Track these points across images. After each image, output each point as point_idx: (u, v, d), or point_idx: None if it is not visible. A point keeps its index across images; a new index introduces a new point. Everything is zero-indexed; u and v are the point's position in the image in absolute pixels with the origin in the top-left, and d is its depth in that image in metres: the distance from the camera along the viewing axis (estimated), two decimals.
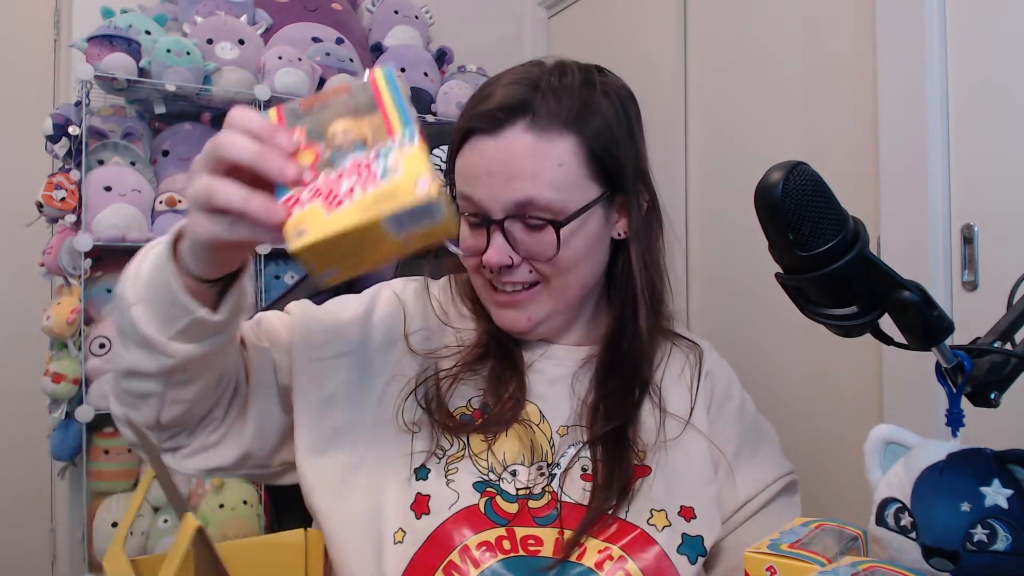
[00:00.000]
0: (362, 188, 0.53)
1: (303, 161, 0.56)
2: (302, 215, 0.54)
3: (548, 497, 0.76)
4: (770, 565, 0.54)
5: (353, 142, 0.56)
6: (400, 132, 0.55)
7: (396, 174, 0.53)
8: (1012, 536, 0.49)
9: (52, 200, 1.67)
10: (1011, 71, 1.16)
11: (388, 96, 0.57)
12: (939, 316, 0.54)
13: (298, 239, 0.53)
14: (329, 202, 0.53)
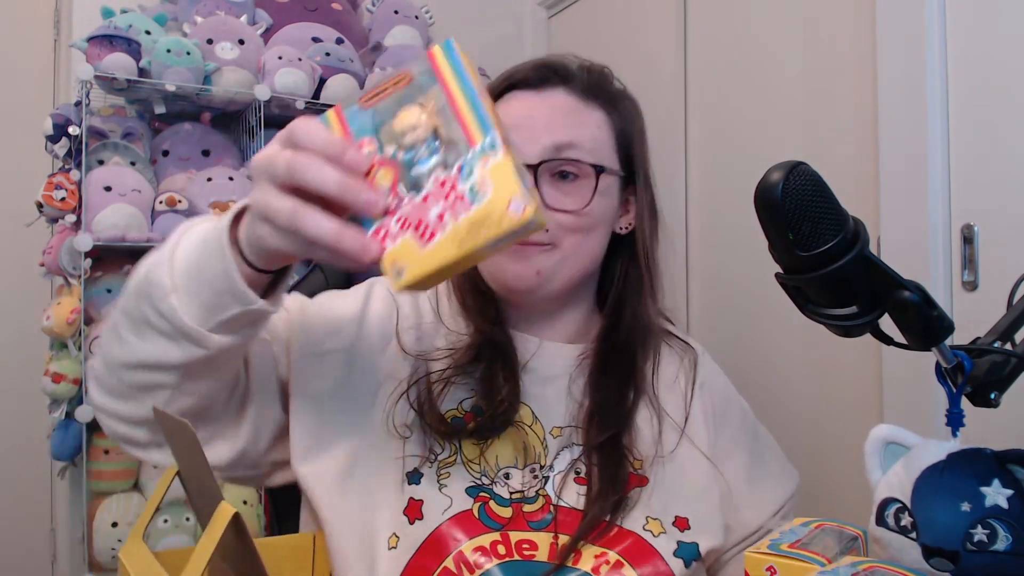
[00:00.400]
0: (453, 216, 0.50)
1: (382, 184, 0.52)
2: (396, 251, 0.51)
3: (542, 501, 0.76)
4: (770, 565, 0.54)
5: (426, 139, 0.52)
6: (480, 139, 0.51)
7: (486, 197, 0.50)
8: (1012, 536, 0.49)
9: (52, 200, 1.67)
10: (1011, 71, 1.16)
11: (455, 85, 0.52)
12: (939, 316, 0.54)
13: (398, 279, 0.51)
14: (421, 234, 0.50)
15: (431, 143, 0.52)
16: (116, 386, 0.67)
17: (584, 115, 0.82)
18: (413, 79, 0.53)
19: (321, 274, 1.08)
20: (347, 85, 1.90)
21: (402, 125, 0.52)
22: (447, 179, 0.51)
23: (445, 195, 0.50)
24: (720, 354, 0.97)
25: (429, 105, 0.52)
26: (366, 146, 0.52)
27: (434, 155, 0.51)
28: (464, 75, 0.52)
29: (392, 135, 0.52)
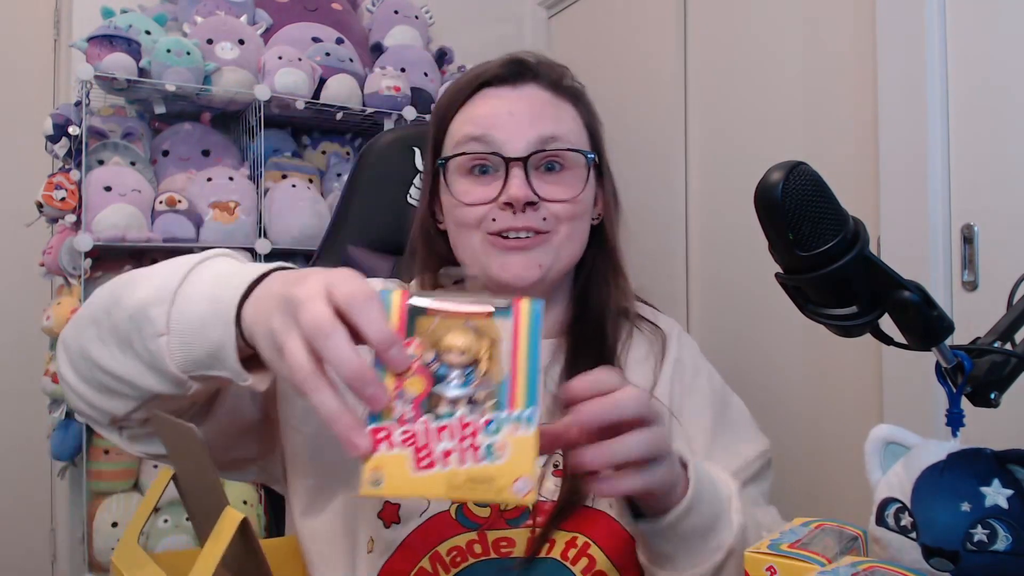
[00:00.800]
0: (460, 460, 0.49)
1: (409, 391, 0.50)
2: (386, 459, 0.49)
3: None
4: (770, 565, 0.54)
5: (465, 367, 0.51)
6: (522, 407, 0.50)
7: (499, 460, 0.49)
8: (1012, 536, 0.49)
9: (52, 200, 1.67)
10: (1011, 71, 1.16)
11: (525, 344, 0.51)
12: (939, 316, 0.54)
13: (372, 487, 0.49)
14: (420, 459, 0.49)
15: (468, 372, 0.51)
16: (85, 374, 0.66)
17: (560, 108, 0.83)
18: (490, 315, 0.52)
19: None
20: (347, 85, 1.90)
21: (452, 342, 0.51)
22: (471, 424, 0.50)
23: (462, 437, 0.50)
24: (720, 354, 0.98)
25: (486, 338, 0.51)
26: (411, 346, 0.51)
27: (465, 385, 0.51)
28: (538, 343, 0.51)
29: (437, 344, 0.51)
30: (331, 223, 1.15)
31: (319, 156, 2.08)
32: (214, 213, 1.77)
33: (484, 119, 0.81)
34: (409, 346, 0.51)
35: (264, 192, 1.86)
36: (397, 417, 0.50)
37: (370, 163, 1.16)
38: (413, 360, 0.51)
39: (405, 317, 0.51)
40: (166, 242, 1.72)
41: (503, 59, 0.84)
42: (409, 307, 0.52)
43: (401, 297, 0.52)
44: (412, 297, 0.52)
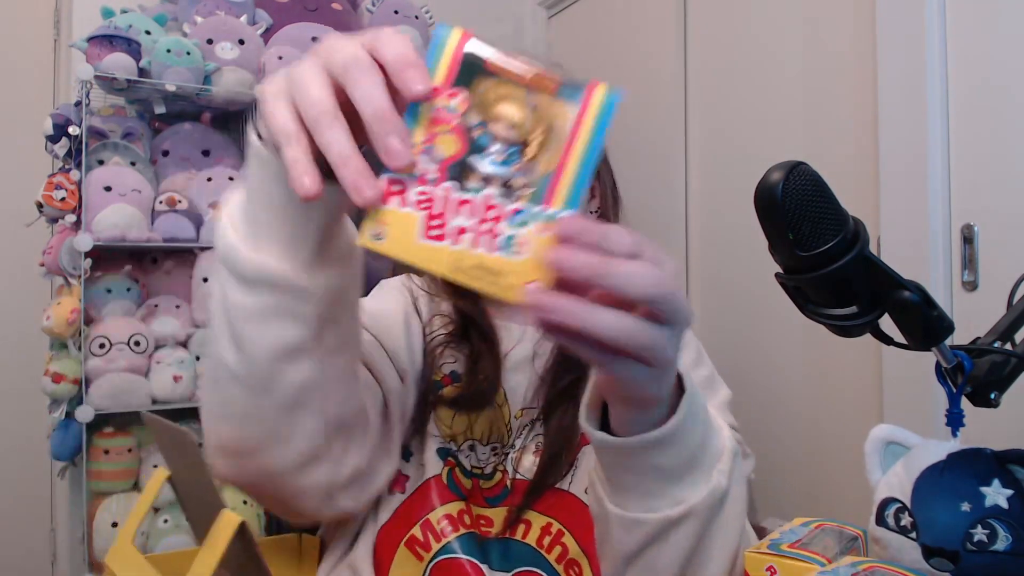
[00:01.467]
0: (472, 243, 0.43)
1: (439, 149, 0.43)
2: (393, 215, 0.43)
3: (499, 476, 0.77)
4: (770, 565, 0.54)
5: (511, 143, 0.44)
6: (559, 207, 0.43)
7: (516, 257, 0.43)
8: (1012, 536, 0.49)
9: (52, 200, 1.67)
10: (1011, 71, 1.16)
11: (585, 137, 0.43)
12: (939, 316, 0.54)
13: (372, 239, 0.43)
14: (430, 227, 0.43)
15: (511, 151, 0.44)
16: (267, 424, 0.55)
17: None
18: (558, 88, 0.44)
19: None
20: None
21: (504, 111, 0.44)
22: (497, 208, 0.43)
23: (482, 219, 0.43)
24: (720, 354, 0.97)
25: (544, 120, 0.44)
26: (456, 99, 0.43)
27: (505, 165, 0.43)
28: (600, 138, 0.43)
29: (486, 108, 0.44)
30: None
31: None
32: (214, 213, 1.77)
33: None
34: (453, 97, 0.43)
35: None
36: (418, 175, 0.43)
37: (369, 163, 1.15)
38: (453, 115, 0.43)
39: (457, 64, 0.44)
40: (166, 242, 1.72)
41: None
42: (465, 54, 0.44)
43: (460, 38, 0.44)
44: (471, 41, 0.44)
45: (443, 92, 0.43)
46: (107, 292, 1.74)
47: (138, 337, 1.69)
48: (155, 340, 1.72)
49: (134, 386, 1.67)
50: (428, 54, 0.43)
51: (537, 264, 0.42)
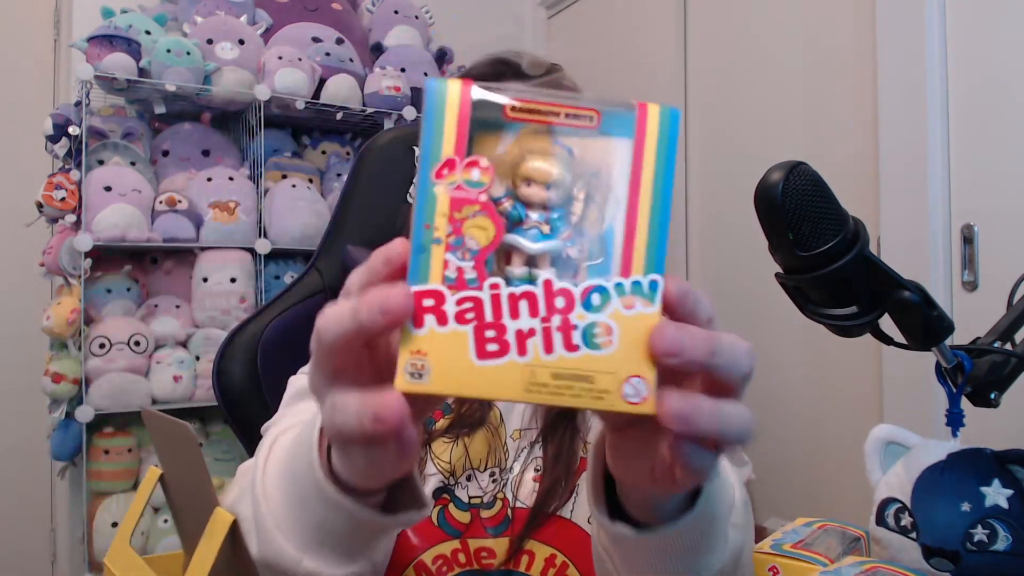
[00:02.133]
0: (544, 346, 0.33)
1: (471, 240, 0.33)
2: (432, 340, 0.33)
3: (499, 505, 0.74)
4: (773, 565, 0.54)
5: (549, 206, 0.34)
6: (640, 273, 0.33)
7: (604, 352, 0.33)
8: (1012, 536, 0.49)
9: (52, 200, 1.67)
10: (1011, 71, 1.16)
11: (653, 173, 0.34)
12: (939, 316, 0.54)
13: (412, 380, 0.33)
14: (484, 342, 0.33)
15: (556, 216, 0.33)
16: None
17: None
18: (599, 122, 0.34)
19: (317, 274, 1.08)
20: (347, 85, 1.90)
21: (536, 169, 0.33)
22: (563, 293, 0.33)
23: (548, 313, 0.33)
24: None
25: (588, 165, 0.34)
26: (476, 168, 0.33)
27: (551, 237, 0.33)
28: (670, 173, 0.34)
29: (513, 170, 0.34)
30: (330, 223, 1.14)
31: (319, 156, 2.08)
32: (214, 213, 1.77)
33: None
34: (473, 167, 0.33)
35: (264, 192, 1.86)
36: (453, 278, 0.33)
37: (369, 162, 1.15)
38: (478, 189, 0.33)
39: (467, 123, 0.33)
40: (166, 242, 1.72)
41: (486, 59, 0.83)
42: (475, 105, 0.33)
43: (461, 90, 0.33)
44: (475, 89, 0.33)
45: (458, 164, 0.33)
46: (107, 292, 1.74)
47: (138, 337, 1.69)
48: (155, 340, 1.72)
49: (134, 386, 1.68)
50: (426, 117, 0.33)
51: (634, 353, 0.33)
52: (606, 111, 0.34)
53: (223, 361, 0.99)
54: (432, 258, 0.33)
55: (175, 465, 0.61)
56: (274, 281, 1.86)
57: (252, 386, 0.99)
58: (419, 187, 0.33)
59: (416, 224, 0.33)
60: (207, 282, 1.77)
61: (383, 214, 1.13)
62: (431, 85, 0.33)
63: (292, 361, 1.02)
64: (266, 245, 1.81)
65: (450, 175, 0.33)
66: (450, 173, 0.33)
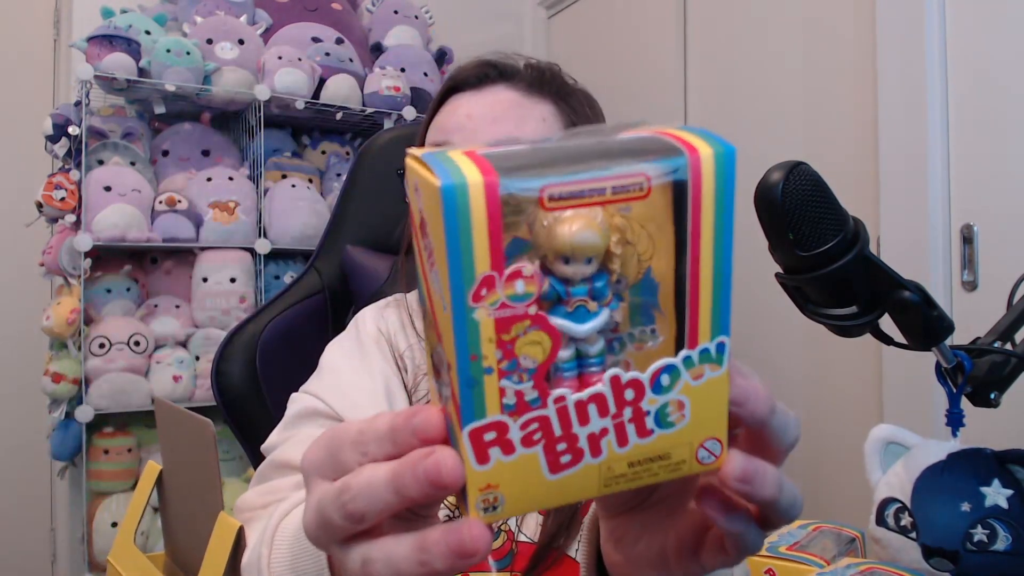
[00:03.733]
0: (618, 441, 0.30)
1: (527, 359, 0.28)
2: (501, 472, 0.29)
3: (504, 537, 0.72)
4: (769, 567, 0.54)
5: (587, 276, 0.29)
6: (708, 339, 0.30)
7: (678, 426, 0.30)
8: (1012, 536, 0.49)
9: (52, 200, 1.67)
10: (1011, 71, 1.16)
11: (712, 230, 0.29)
12: (939, 316, 0.54)
13: (485, 513, 0.29)
14: (556, 457, 0.29)
15: (598, 287, 0.29)
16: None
17: (528, 108, 0.76)
18: (651, 192, 0.28)
19: (316, 275, 1.08)
20: (347, 85, 1.90)
21: (573, 246, 0.28)
22: (634, 384, 0.29)
23: (619, 404, 0.30)
24: None
25: (641, 231, 0.29)
26: (520, 280, 0.28)
27: (596, 315, 0.29)
28: (729, 219, 0.29)
29: (552, 243, 0.28)
30: (330, 223, 1.14)
31: (319, 156, 2.08)
32: (214, 213, 1.77)
33: (446, 124, 0.77)
34: (516, 280, 0.28)
35: (264, 192, 1.86)
36: (512, 404, 0.29)
37: (369, 162, 1.15)
38: (525, 303, 0.28)
39: (499, 228, 0.27)
40: (166, 242, 1.72)
41: (476, 60, 0.80)
42: (505, 203, 0.27)
43: (484, 188, 0.27)
44: (499, 165, 0.27)
45: (498, 280, 0.28)
46: (107, 292, 1.74)
47: (138, 337, 1.69)
48: (155, 340, 1.72)
49: (134, 386, 1.68)
50: (448, 232, 0.27)
51: (706, 418, 0.31)
52: (655, 170, 0.28)
53: (222, 361, 0.99)
54: (486, 390, 0.28)
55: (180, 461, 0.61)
56: (274, 281, 1.86)
57: (251, 386, 0.99)
58: (454, 314, 0.28)
59: (459, 356, 0.28)
60: (207, 282, 1.77)
61: (382, 214, 1.13)
62: (448, 192, 0.26)
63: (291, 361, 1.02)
64: (266, 245, 1.81)
65: (490, 295, 0.28)
66: (490, 293, 0.28)
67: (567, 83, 0.83)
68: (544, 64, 0.82)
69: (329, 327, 1.04)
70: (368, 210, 1.14)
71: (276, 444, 0.75)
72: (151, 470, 0.64)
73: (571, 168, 0.28)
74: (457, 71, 0.80)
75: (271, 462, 0.72)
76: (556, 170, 0.27)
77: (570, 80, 0.84)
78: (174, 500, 0.63)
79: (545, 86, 0.79)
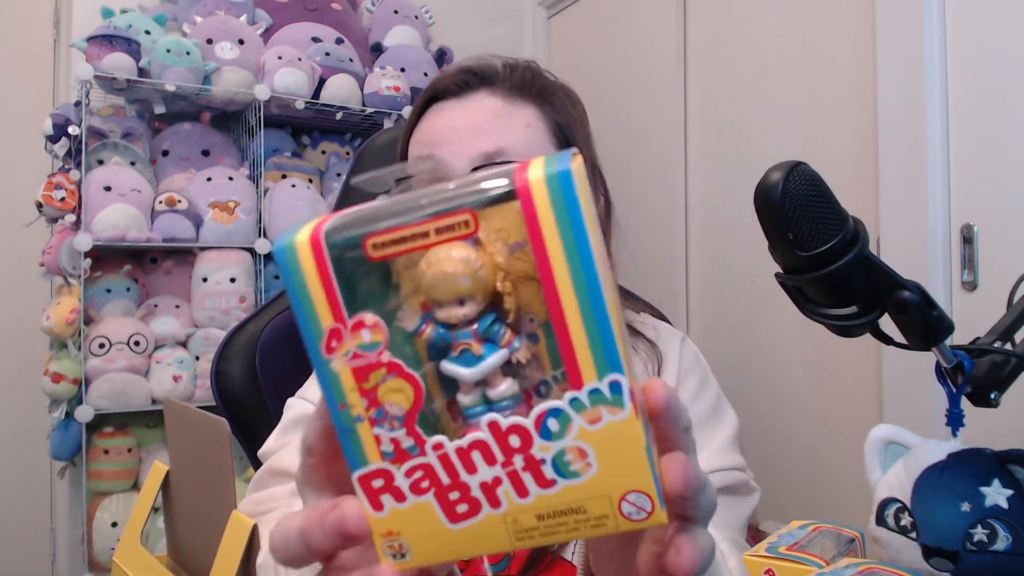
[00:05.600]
0: (516, 490, 0.29)
1: (393, 407, 0.29)
2: (399, 518, 0.30)
3: None
4: (768, 568, 0.54)
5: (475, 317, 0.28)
6: (593, 377, 0.28)
7: (584, 477, 0.29)
8: (1012, 536, 0.49)
9: (52, 200, 1.67)
10: (1011, 71, 1.16)
11: (562, 255, 0.27)
12: (939, 316, 0.54)
13: (394, 559, 0.30)
14: (451, 507, 0.29)
15: (487, 324, 0.29)
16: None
17: (512, 116, 0.75)
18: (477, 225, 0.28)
19: None
20: (347, 85, 1.90)
21: (439, 287, 0.28)
22: (517, 429, 0.29)
23: (505, 451, 0.29)
24: (720, 354, 0.97)
25: (494, 252, 0.28)
26: (364, 329, 0.29)
27: (482, 358, 0.28)
28: (582, 240, 0.27)
29: (413, 299, 0.29)
30: None
31: (319, 156, 2.08)
32: (214, 213, 1.77)
33: (429, 137, 0.76)
34: (360, 330, 0.29)
35: (264, 192, 1.86)
36: (391, 451, 0.29)
37: (368, 162, 1.15)
38: (374, 352, 0.29)
39: (331, 280, 0.29)
40: (166, 242, 1.72)
41: (456, 67, 0.79)
42: (332, 257, 0.29)
43: (309, 237, 0.29)
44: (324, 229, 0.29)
45: (344, 331, 0.29)
46: (107, 292, 1.74)
47: (138, 337, 1.69)
48: (155, 340, 1.72)
49: (134, 386, 1.68)
50: (288, 285, 0.29)
51: (619, 469, 0.28)
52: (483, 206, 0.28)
53: (222, 361, 0.99)
54: (362, 437, 0.29)
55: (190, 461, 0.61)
56: (274, 281, 1.86)
57: (251, 386, 0.99)
58: (315, 367, 0.29)
59: (331, 407, 0.29)
60: (207, 282, 1.77)
61: None
62: (279, 251, 0.29)
63: (291, 361, 1.02)
64: (266, 245, 1.81)
65: (341, 346, 0.29)
66: (340, 344, 0.29)
67: (548, 82, 0.81)
68: (523, 64, 0.80)
69: None
70: None
71: (273, 450, 0.75)
72: (158, 470, 0.64)
73: (395, 219, 0.28)
74: (436, 80, 0.78)
75: (268, 468, 0.73)
76: (380, 222, 0.28)
77: (550, 77, 0.82)
78: (180, 500, 0.63)
79: (527, 89, 0.78)
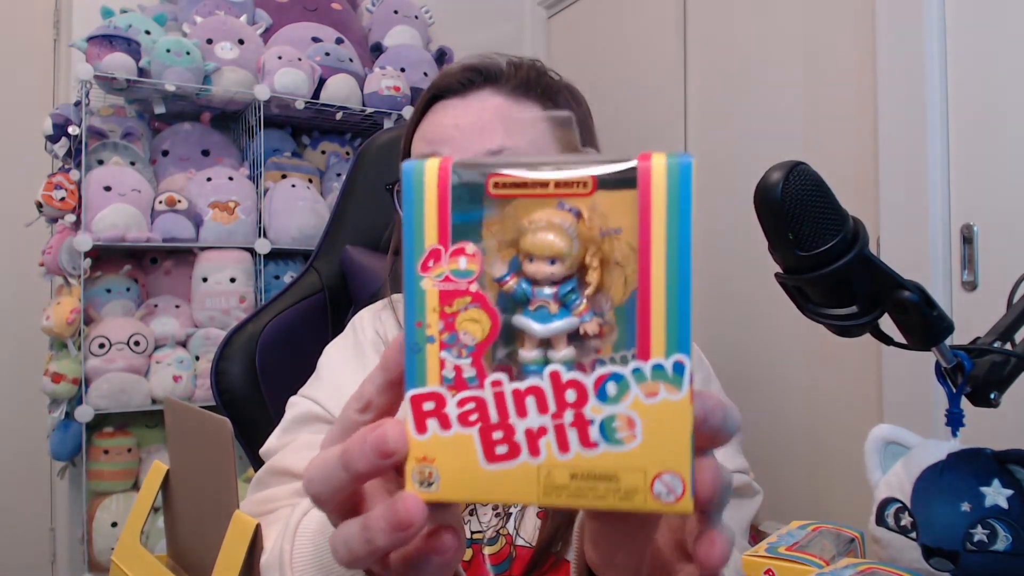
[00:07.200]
0: (559, 444, 0.30)
1: (466, 336, 0.30)
2: (437, 445, 0.30)
3: (503, 541, 0.71)
4: (768, 568, 0.54)
5: (558, 279, 0.30)
6: (660, 354, 0.29)
7: (627, 447, 0.29)
8: (1012, 536, 0.49)
9: (52, 200, 1.67)
10: (1011, 72, 1.16)
11: (664, 240, 0.29)
12: (939, 316, 0.54)
13: (422, 488, 0.30)
14: (492, 445, 0.30)
15: (568, 290, 0.30)
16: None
17: (517, 111, 0.75)
18: (597, 185, 0.29)
19: (316, 274, 1.08)
20: (347, 85, 1.90)
21: (537, 243, 0.30)
22: (575, 384, 0.30)
23: (559, 404, 0.30)
24: (720, 355, 0.97)
25: (596, 228, 0.30)
26: (463, 256, 0.30)
27: (563, 315, 0.30)
28: (686, 228, 0.29)
29: (510, 248, 0.30)
30: (329, 222, 1.14)
31: (319, 156, 2.08)
32: (214, 213, 1.77)
33: (433, 135, 0.75)
34: (459, 256, 0.30)
35: (264, 192, 1.86)
36: (451, 378, 0.30)
37: (368, 162, 1.15)
38: (466, 279, 0.30)
39: (448, 207, 0.30)
40: (166, 242, 1.72)
41: (460, 65, 0.78)
42: (454, 189, 0.30)
43: (439, 170, 0.30)
44: (455, 166, 0.30)
45: (443, 254, 0.30)
46: (107, 292, 1.74)
47: (138, 337, 1.69)
48: (155, 340, 1.72)
49: (134, 386, 1.68)
50: (405, 205, 0.31)
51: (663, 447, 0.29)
52: (603, 175, 0.29)
53: (222, 361, 0.99)
54: (428, 358, 0.30)
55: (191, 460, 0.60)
56: (274, 281, 1.86)
57: (251, 386, 0.99)
58: (406, 283, 0.30)
59: (407, 323, 0.30)
60: (207, 282, 1.77)
61: (382, 214, 1.13)
62: (407, 169, 0.30)
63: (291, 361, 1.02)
64: (266, 245, 1.81)
65: (436, 267, 0.30)
66: (436, 265, 0.30)
67: (552, 80, 0.81)
68: (527, 63, 0.80)
69: (328, 327, 1.04)
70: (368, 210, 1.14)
71: (275, 449, 0.75)
72: (158, 470, 0.64)
73: (522, 167, 0.30)
74: (440, 77, 0.78)
75: (270, 468, 0.72)
76: (506, 168, 0.30)
77: (554, 76, 0.82)
78: (181, 500, 0.63)
79: (531, 88, 0.77)
